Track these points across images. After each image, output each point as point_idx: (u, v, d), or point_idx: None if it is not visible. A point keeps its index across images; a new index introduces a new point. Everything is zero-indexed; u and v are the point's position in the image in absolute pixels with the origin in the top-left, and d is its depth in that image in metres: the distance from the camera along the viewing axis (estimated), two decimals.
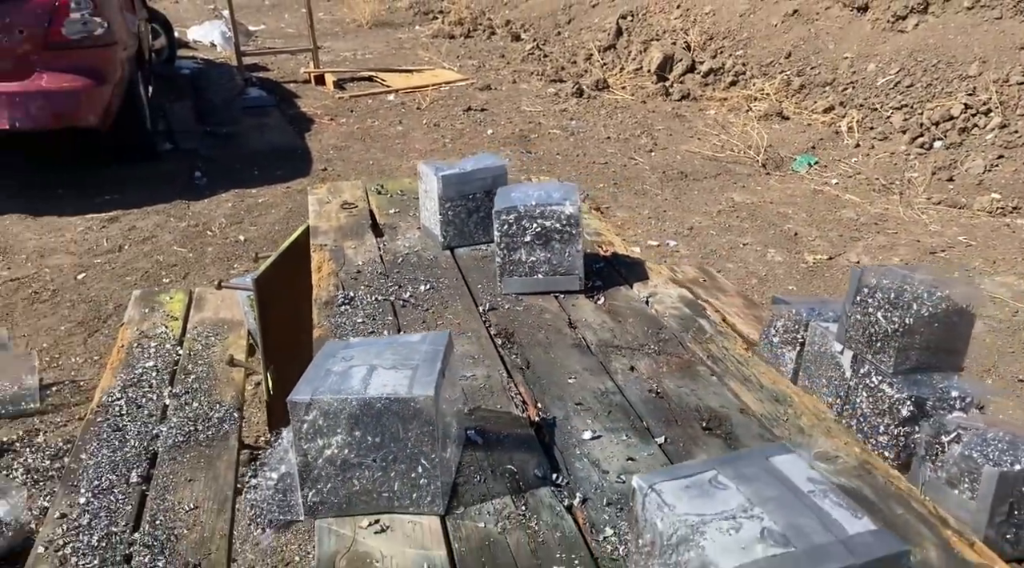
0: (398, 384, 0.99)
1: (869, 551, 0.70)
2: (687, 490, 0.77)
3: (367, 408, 0.97)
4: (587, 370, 1.36)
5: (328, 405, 0.97)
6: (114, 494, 1.55)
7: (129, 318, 2.22)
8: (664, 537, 0.75)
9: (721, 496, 0.76)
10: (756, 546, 0.70)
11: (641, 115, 6.79)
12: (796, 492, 0.77)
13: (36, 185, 4.75)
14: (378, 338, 1.21)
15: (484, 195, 1.91)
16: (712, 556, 0.69)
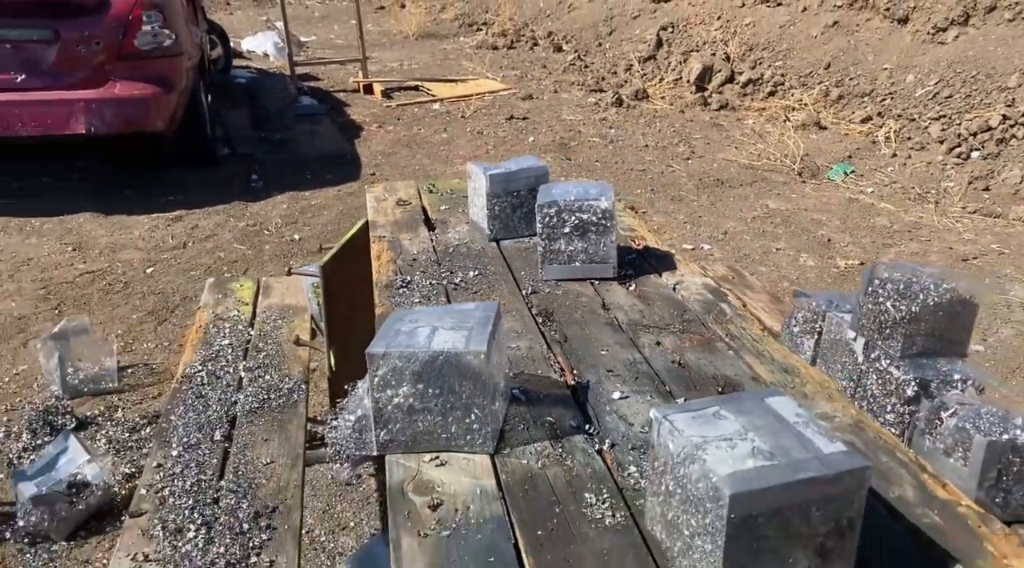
0: (456, 341, 1.18)
1: (838, 465, 0.87)
2: (694, 420, 0.95)
3: (430, 360, 1.17)
4: (618, 344, 1.54)
5: (398, 357, 1.17)
6: (201, 449, 1.76)
7: (205, 302, 2.46)
8: (674, 456, 0.93)
9: (721, 424, 0.94)
10: (747, 460, 0.88)
11: (679, 124, 6.94)
12: (783, 422, 0.94)
13: (107, 186, 5.08)
14: (435, 307, 1.40)
15: (527, 192, 2.10)
16: (712, 467, 0.87)
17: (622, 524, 1.05)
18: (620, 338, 1.57)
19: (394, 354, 1.18)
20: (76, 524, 2.32)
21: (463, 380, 1.18)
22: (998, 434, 1.50)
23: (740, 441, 0.90)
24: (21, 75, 4.35)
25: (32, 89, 4.38)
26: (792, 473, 0.85)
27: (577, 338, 1.57)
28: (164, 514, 1.55)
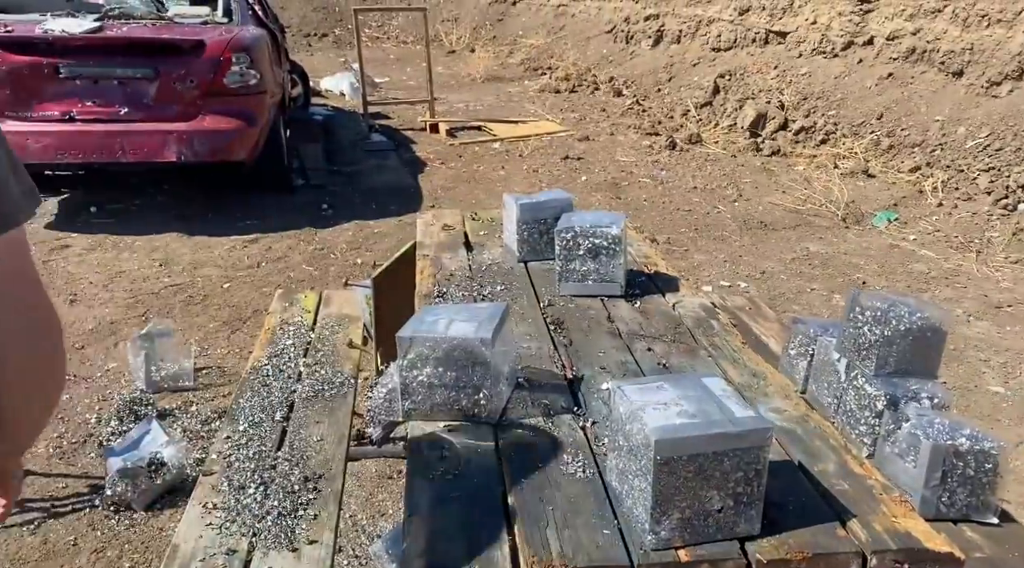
0: (467, 330, 1.47)
1: (745, 424, 1.12)
2: (641, 390, 1.21)
3: (445, 344, 1.46)
4: (614, 348, 1.81)
5: (421, 340, 1.47)
6: (263, 427, 2.09)
7: (273, 309, 2.82)
8: (623, 416, 1.20)
9: (661, 394, 1.20)
10: (675, 418, 1.14)
11: (730, 168, 7.16)
12: (711, 394, 1.20)
13: (191, 210, 5.59)
14: (457, 304, 1.70)
15: (553, 220, 2.39)
16: (648, 423, 1.14)
17: (589, 478, 1.31)
18: (617, 344, 1.84)
19: (417, 338, 1.48)
20: (154, 497, 2.67)
21: (472, 362, 1.47)
22: (944, 440, 1.71)
23: (672, 406, 1.16)
24: (124, 108, 4.89)
25: (133, 121, 4.92)
26: (707, 428, 1.11)
27: (581, 343, 1.85)
28: (230, 474, 1.87)
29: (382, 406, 1.54)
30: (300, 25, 14.83)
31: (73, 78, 4.84)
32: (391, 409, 1.53)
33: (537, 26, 14.05)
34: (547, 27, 13.79)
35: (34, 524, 2.52)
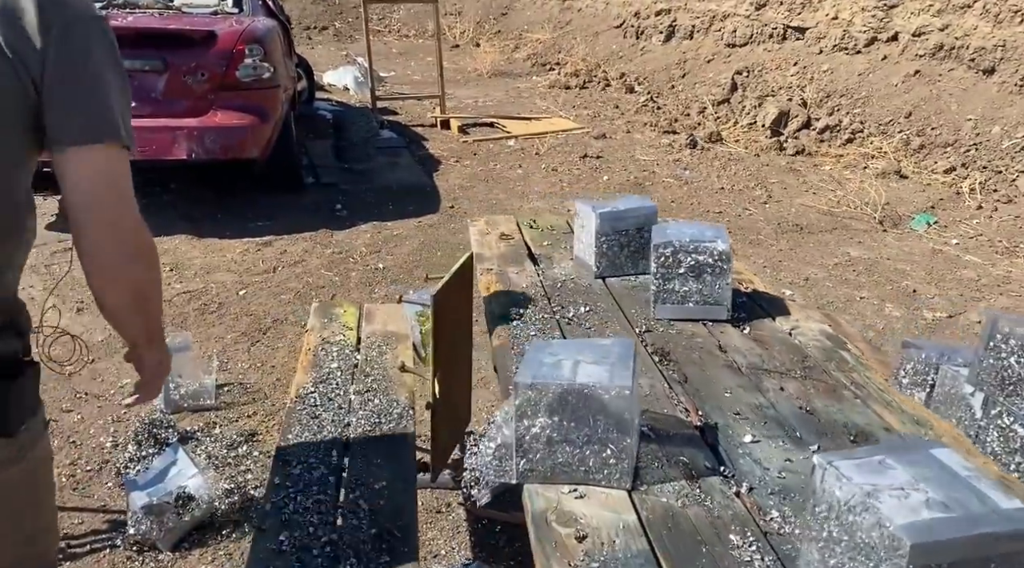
0: (600, 376, 1.21)
1: (1019, 520, 0.87)
2: (859, 467, 0.96)
3: (575, 393, 1.20)
4: (740, 387, 1.55)
5: (544, 387, 1.21)
6: (319, 470, 1.82)
7: (312, 326, 2.55)
8: (842, 502, 0.94)
9: (890, 473, 0.95)
10: (923, 510, 0.89)
11: (755, 168, 6.92)
12: (954, 475, 0.94)
13: (199, 210, 5.30)
14: (573, 340, 1.44)
15: (636, 231, 2.13)
16: (887, 514, 0.88)
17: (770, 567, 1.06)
18: (741, 381, 1.58)
19: (540, 384, 1.21)
20: (181, 535, 2.40)
21: (605, 415, 1.21)
22: None
23: (912, 491, 0.91)
24: (132, 103, 4.59)
25: (140, 116, 4.62)
26: (972, 527, 0.85)
27: (697, 379, 1.59)
28: (290, 533, 1.61)
29: (491, 465, 1.28)
30: (300, 18, 14.49)
31: None
32: (501, 469, 1.27)
33: (543, 20, 13.77)
34: (553, 21, 13.51)
35: None
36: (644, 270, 2.17)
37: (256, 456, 2.83)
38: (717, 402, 1.50)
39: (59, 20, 1.15)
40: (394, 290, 4.27)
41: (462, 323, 2.48)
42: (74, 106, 1.17)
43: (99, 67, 1.19)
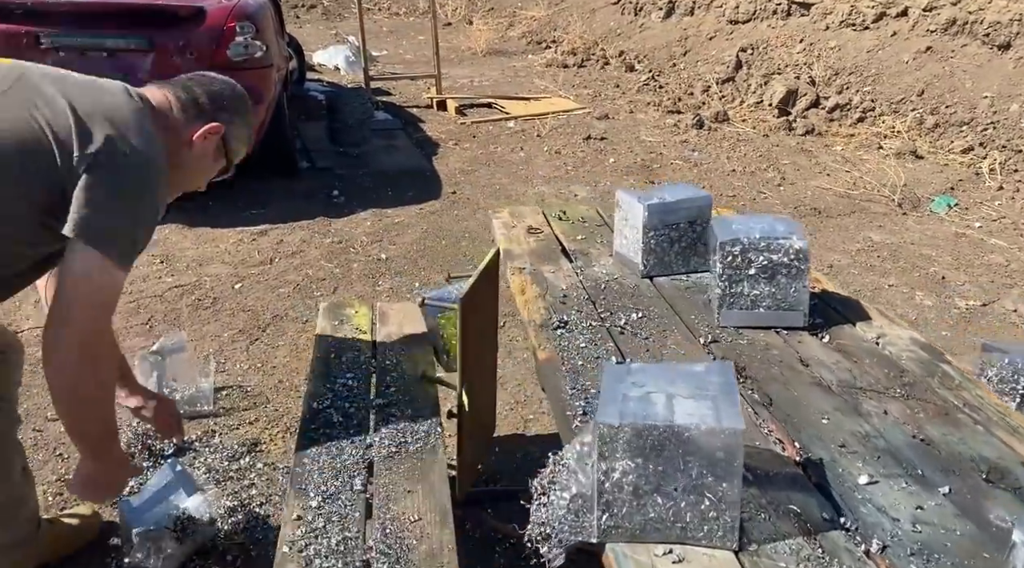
0: (704, 415, 1.00)
1: None
2: None
3: (676, 435, 0.98)
4: (837, 410, 1.34)
5: (638, 430, 0.99)
6: (341, 500, 1.60)
7: (321, 328, 2.32)
8: None
9: None
10: None
11: (765, 149, 6.69)
12: None
13: (191, 198, 5.01)
14: (657, 364, 1.22)
15: (687, 225, 1.91)
16: None
17: None
18: (835, 403, 1.37)
19: (632, 426, 1.00)
20: (181, 561, 2.18)
21: (709, 461, 1.00)
22: None
23: None
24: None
25: None
26: None
27: (784, 401, 1.38)
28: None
29: (565, 519, 1.06)
30: None
31: (56, 49, 4.24)
32: (578, 524, 1.06)
33: None
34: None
35: None
36: (696, 268, 1.95)
37: (260, 468, 2.61)
38: (814, 430, 1.28)
39: (100, 143, 1.39)
40: (399, 282, 4.04)
41: (488, 326, 2.26)
42: (88, 213, 1.38)
43: (120, 200, 1.40)
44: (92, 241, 1.38)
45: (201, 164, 1.73)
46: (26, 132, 1.39)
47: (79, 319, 1.39)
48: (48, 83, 1.49)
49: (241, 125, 1.76)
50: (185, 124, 1.64)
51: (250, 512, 2.39)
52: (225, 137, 1.73)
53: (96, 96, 1.49)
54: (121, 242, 1.42)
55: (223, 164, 1.79)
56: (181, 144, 1.64)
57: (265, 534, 2.32)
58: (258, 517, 2.38)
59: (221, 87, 1.71)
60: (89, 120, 1.42)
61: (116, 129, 1.43)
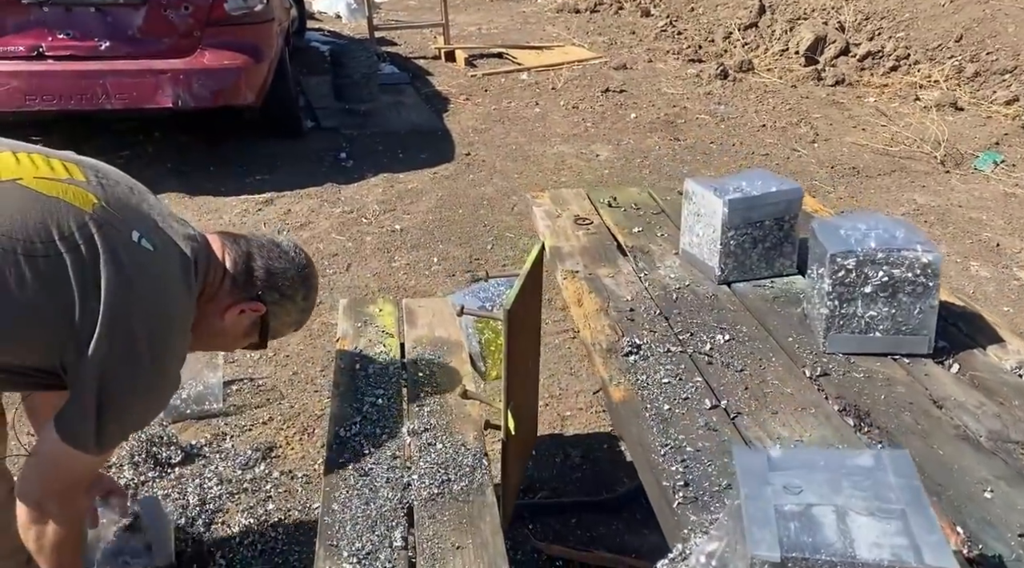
0: (896, 545, 0.74)
1: None
2: None
3: None
4: (1000, 478, 1.08)
5: (808, 565, 0.73)
6: (379, 561, 1.37)
7: (343, 332, 2.06)
8: None
9: None
10: None
11: (794, 101, 6.33)
12: None
13: (189, 162, 4.72)
14: (807, 451, 0.96)
15: (773, 223, 1.63)
16: None
17: None
18: (994, 466, 1.11)
19: (795, 561, 0.74)
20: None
21: None
22: None
23: None
24: (105, 42, 3.96)
25: (117, 57, 4.00)
26: None
27: (929, 463, 1.12)
28: None
29: None
30: None
31: (40, 4, 3.89)
32: None
33: None
34: None
35: None
36: (781, 271, 1.68)
37: (277, 478, 2.38)
38: (979, 510, 1.03)
39: (112, 314, 1.31)
40: (416, 257, 3.77)
41: (532, 335, 2.00)
42: (72, 400, 1.35)
43: (112, 377, 1.33)
44: (73, 438, 1.35)
45: (229, 336, 1.59)
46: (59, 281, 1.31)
47: (43, 487, 1.42)
48: None
49: (291, 310, 1.60)
50: (227, 293, 1.52)
51: (267, 533, 2.17)
52: (266, 318, 1.58)
53: (141, 259, 1.37)
54: (105, 439, 1.38)
55: (255, 341, 1.63)
56: (214, 311, 1.51)
57: (285, 558, 2.10)
58: (277, 538, 2.16)
59: (285, 266, 1.56)
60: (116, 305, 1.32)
61: (144, 320, 1.35)
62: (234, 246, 1.56)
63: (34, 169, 1.34)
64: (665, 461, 1.12)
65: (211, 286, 1.52)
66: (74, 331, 1.31)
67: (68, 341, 1.31)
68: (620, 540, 2.17)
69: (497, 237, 4.01)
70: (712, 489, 1.08)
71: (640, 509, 2.28)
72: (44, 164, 1.37)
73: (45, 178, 1.33)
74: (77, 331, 1.31)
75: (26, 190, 1.30)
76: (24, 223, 1.26)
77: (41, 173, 1.34)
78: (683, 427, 1.21)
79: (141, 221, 1.41)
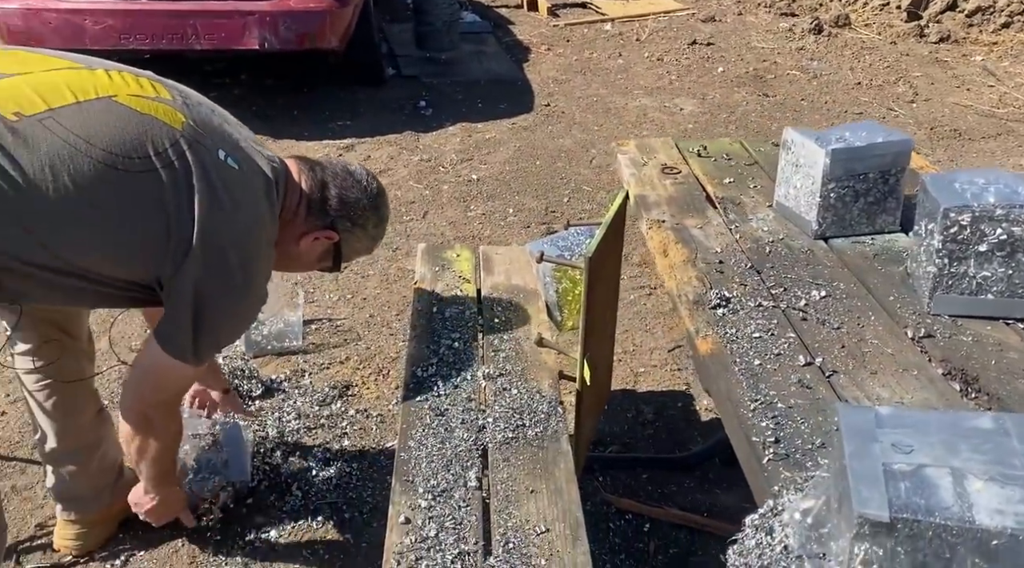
0: (1022, 513, 0.68)
1: None
2: None
3: (979, 542, 0.68)
4: None
5: (918, 529, 0.69)
6: (454, 500, 1.37)
7: (421, 276, 2.06)
8: None
9: None
10: None
11: (893, 58, 5.99)
12: None
13: (274, 106, 4.79)
14: (921, 412, 0.90)
15: (879, 176, 1.54)
16: None
17: None
18: None
19: (904, 522, 0.69)
20: None
21: None
22: None
23: None
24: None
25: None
26: None
27: None
28: None
29: None
30: None
31: None
32: None
33: None
34: None
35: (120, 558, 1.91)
36: (883, 228, 1.59)
37: (353, 416, 2.43)
38: None
39: (205, 231, 1.34)
40: (492, 207, 3.74)
41: (612, 286, 1.96)
42: (169, 314, 1.42)
43: (206, 291, 1.39)
44: (172, 348, 1.43)
45: (303, 260, 1.66)
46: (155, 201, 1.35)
47: (146, 398, 1.51)
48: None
49: (362, 237, 1.66)
50: (302, 219, 1.57)
51: (342, 467, 2.22)
52: (339, 244, 1.64)
53: (228, 176, 1.40)
54: (201, 351, 1.46)
55: (328, 265, 1.69)
56: (290, 236, 1.57)
57: (359, 493, 2.15)
58: (351, 473, 2.21)
59: (358, 195, 1.60)
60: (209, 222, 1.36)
61: (233, 237, 1.40)
62: (310, 173, 1.60)
63: (126, 86, 1.36)
64: (755, 417, 1.07)
65: (288, 209, 1.56)
66: (169, 246, 1.34)
67: (164, 255, 1.34)
68: (691, 498, 2.14)
69: (574, 190, 3.94)
70: (805, 447, 1.03)
71: (713, 469, 2.24)
72: (135, 82, 1.39)
73: (137, 96, 1.35)
74: (172, 246, 1.34)
75: (122, 107, 1.32)
76: (122, 139, 1.29)
77: (133, 91, 1.36)
78: (774, 383, 1.16)
79: (224, 141, 1.44)
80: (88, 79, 1.33)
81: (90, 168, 1.25)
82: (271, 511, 2.05)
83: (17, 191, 1.21)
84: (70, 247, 1.30)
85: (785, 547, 0.81)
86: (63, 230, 1.27)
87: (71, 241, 1.29)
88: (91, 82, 1.33)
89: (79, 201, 1.26)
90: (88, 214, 1.28)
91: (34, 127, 1.23)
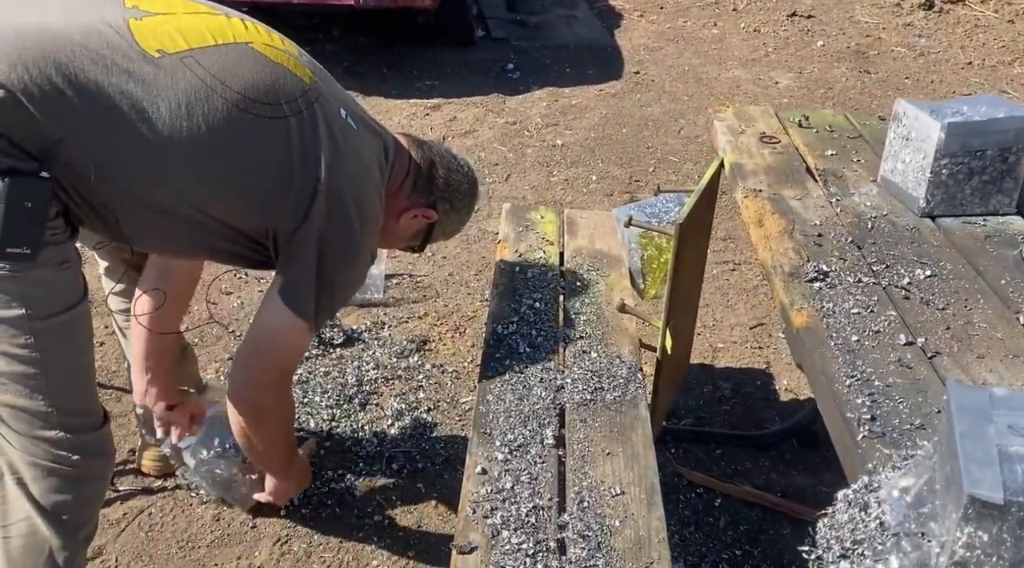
0: None
1: None
2: None
3: None
4: None
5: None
6: (530, 455, 1.38)
7: (504, 236, 2.06)
8: None
9: None
10: None
11: (1009, 38, 5.63)
12: None
13: (364, 63, 4.84)
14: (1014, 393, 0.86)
15: (998, 154, 1.45)
16: None
17: None
18: None
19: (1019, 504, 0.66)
20: None
21: None
22: None
23: None
24: None
25: None
26: None
27: None
28: (499, 558, 1.19)
29: None
30: None
31: None
32: None
33: None
34: None
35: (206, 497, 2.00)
36: (997, 209, 1.51)
37: (429, 370, 2.46)
38: None
39: (330, 179, 1.35)
40: (575, 173, 3.71)
41: (700, 256, 1.92)
42: (299, 277, 1.39)
43: (329, 248, 1.38)
44: (294, 307, 1.38)
45: (396, 236, 1.65)
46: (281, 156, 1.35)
47: (257, 378, 1.46)
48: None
49: (455, 221, 1.69)
50: (406, 195, 1.57)
51: (417, 418, 2.26)
52: (433, 225, 1.64)
53: (349, 151, 1.40)
54: (320, 313, 1.43)
55: (416, 244, 1.70)
56: (392, 210, 1.56)
57: (432, 445, 2.18)
58: (425, 424, 2.25)
59: (460, 179, 1.64)
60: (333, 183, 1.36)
61: (354, 193, 1.40)
62: (420, 150, 1.61)
63: (260, 36, 1.38)
64: (850, 393, 1.04)
65: (395, 181, 1.56)
66: (291, 196, 1.33)
67: (284, 205, 1.33)
68: (765, 478, 2.10)
69: (660, 160, 3.87)
70: (903, 427, 0.99)
71: (789, 450, 2.20)
72: (267, 34, 1.42)
73: (270, 46, 1.38)
74: (295, 196, 1.33)
75: (257, 54, 1.34)
76: (256, 84, 1.30)
77: (266, 41, 1.38)
78: (872, 361, 1.12)
79: (345, 102, 1.47)
80: (226, 25, 1.35)
81: (224, 110, 1.26)
82: (348, 455, 2.11)
83: (152, 128, 1.22)
84: (194, 189, 1.30)
85: (881, 523, 0.78)
86: (190, 170, 1.28)
87: (196, 183, 1.29)
88: (229, 28, 1.34)
89: (210, 142, 1.26)
90: (216, 157, 1.28)
91: (175, 65, 1.24)
